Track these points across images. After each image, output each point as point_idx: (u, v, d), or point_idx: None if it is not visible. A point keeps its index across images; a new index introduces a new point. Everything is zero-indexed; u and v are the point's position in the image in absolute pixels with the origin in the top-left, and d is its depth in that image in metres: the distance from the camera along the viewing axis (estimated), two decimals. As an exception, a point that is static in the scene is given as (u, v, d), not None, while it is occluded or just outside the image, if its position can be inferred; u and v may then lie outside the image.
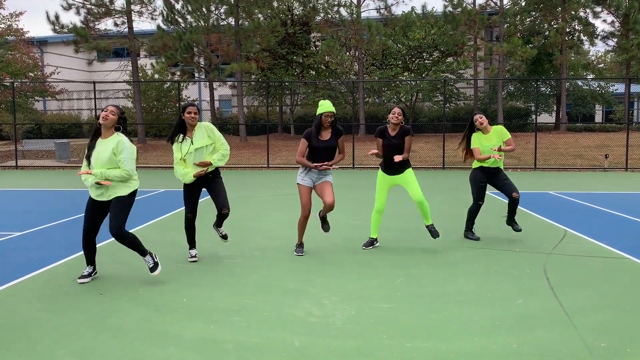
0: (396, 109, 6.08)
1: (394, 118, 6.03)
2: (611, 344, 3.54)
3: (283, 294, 4.63)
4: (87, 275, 5.04)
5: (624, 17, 27.27)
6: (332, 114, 5.77)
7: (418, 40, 25.84)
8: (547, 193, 11.17)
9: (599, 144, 21.12)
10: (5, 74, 26.19)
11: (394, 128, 6.08)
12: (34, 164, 20.02)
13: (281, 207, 9.53)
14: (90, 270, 5.09)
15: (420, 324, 3.93)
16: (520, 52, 24.55)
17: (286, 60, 27.55)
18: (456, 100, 29.09)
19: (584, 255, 5.95)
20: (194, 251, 5.82)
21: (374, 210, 6.31)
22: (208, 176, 5.58)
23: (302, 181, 5.91)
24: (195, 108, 5.47)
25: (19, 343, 3.61)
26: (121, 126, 4.86)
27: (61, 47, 33.42)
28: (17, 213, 8.86)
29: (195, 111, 5.45)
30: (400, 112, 6.04)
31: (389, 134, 6.10)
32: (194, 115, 5.42)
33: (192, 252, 5.81)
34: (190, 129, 5.51)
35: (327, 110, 5.74)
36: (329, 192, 5.83)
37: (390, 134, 6.09)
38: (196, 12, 23.52)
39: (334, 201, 5.85)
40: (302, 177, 5.94)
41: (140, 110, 24.38)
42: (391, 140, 6.08)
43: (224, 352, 3.47)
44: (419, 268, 5.44)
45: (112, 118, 4.76)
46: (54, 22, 22.51)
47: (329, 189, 5.86)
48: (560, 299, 4.47)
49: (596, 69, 37.68)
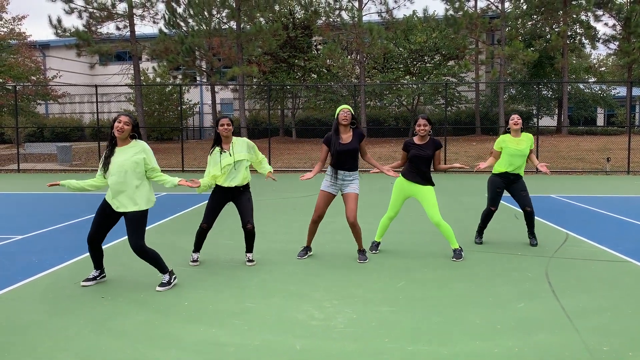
0: (421, 120, 5.83)
1: (421, 130, 5.81)
2: (613, 348, 3.54)
3: (284, 297, 4.63)
4: (92, 278, 5.03)
5: (625, 21, 27.28)
6: (349, 110, 5.66)
7: (419, 43, 25.88)
8: (548, 196, 11.16)
9: (600, 147, 21.11)
10: (7, 77, 26.26)
11: (422, 139, 5.89)
12: (35, 167, 20.06)
13: (283, 210, 9.53)
14: (96, 274, 5.06)
15: (421, 328, 3.93)
16: (522, 56, 24.56)
17: (288, 64, 27.60)
18: (457, 103, 29.10)
19: (586, 258, 5.94)
20: (197, 255, 5.81)
21: (386, 216, 6.21)
22: (239, 189, 5.60)
23: (325, 188, 5.78)
24: (227, 120, 5.54)
25: (21, 345, 3.62)
26: (136, 133, 4.86)
27: (63, 50, 33.46)
28: (19, 216, 8.88)
29: (228, 122, 5.52)
30: (426, 123, 5.81)
31: (416, 144, 5.88)
32: (227, 127, 5.49)
33: (194, 255, 5.80)
34: (226, 142, 5.56)
35: (343, 107, 5.67)
36: (351, 206, 5.66)
37: (418, 144, 5.88)
38: (198, 16, 23.57)
39: (355, 217, 5.67)
40: (326, 184, 5.80)
41: (142, 113, 24.43)
42: (420, 150, 5.83)
43: (225, 355, 3.47)
44: (420, 271, 5.44)
45: (127, 129, 4.74)
46: (56, 25, 22.57)
47: (352, 202, 5.67)
48: (562, 302, 4.46)
49: (598, 72, 37.66)
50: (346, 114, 5.64)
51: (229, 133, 5.52)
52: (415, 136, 5.94)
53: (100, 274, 5.09)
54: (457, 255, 5.91)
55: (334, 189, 5.78)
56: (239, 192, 5.60)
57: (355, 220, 5.69)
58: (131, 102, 30.27)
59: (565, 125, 27.73)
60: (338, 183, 5.75)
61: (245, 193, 5.64)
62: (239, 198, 5.60)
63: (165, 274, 4.93)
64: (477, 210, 9.26)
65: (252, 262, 5.77)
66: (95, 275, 5.05)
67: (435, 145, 5.88)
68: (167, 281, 4.91)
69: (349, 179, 5.72)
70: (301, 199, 11.03)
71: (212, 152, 5.60)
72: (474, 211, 9.20)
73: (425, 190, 5.86)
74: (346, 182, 5.73)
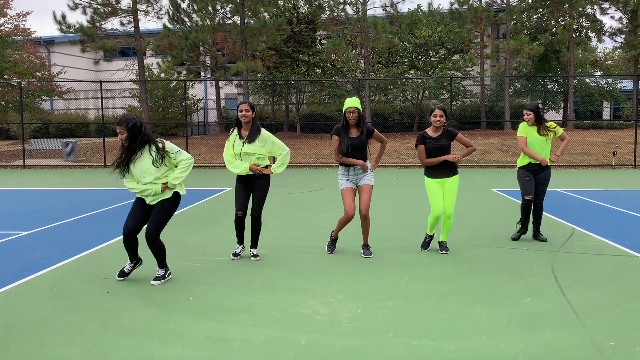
0: (437, 110, 5.69)
1: (436, 121, 5.67)
2: (620, 343, 3.52)
3: (289, 293, 4.63)
4: (127, 272, 5.07)
5: (632, 14, 27.05)
6: (355, 109, 5.54)
7: (424, 37, 25.75)
8: (554, 191, 11.11)
9: (606, 141, 20.99)
10: (12, 73, 26.32)
11: (436, 130, 5.76)
12: (41, 163, 20.13)
13: (288, 205, 9.53)
14: (130, 267, 5.10)
15: (427, 323, 3.92)
16: (527, 50, 24.41)
17: (292, 59, 27.53)
18: (463, 98, 28.97)
19: (592, 253, 5.91)
20: (240, 248, 5.87)
21: (432, 215, 5.86)
22: (255, 176, 5.61)
23: (345, 185, 5.72)
24: (246, 105, 5.50)
25: (29, 342, 3.63)
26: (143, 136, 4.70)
27: (68, 46, 33.54)
28: (24, 212, 8.91)
29: (247, 109, 5.47)
30: (442, 114, 5.67)
31: (431, 137, 5.75)
32: (245, 113, 5.46)
33: (238, 248, 5.87)
34: (245, 128, 5.56)
35: (350, 106, 5.55)
36: (365, 198, 5.65)
37: (433, 136, 5.74)
38: (202, 11, 23.53)
39: (368, 210, 5.65)
40: (344, 181, 5.75)
41: (146, 109, 24.45)
42: (436, 142, 5.70)
43: (231, 351, 3.47)
44: (425, 266, 5.43)
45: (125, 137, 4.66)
46: (61, 21, 22.58)
47: (366, 194, 5.65)
48: (568, 297, 4.44)
49: (604, 65, 37.41)
50: (353, 114, 5.55)
51: (246, 119, 5.48)
52: (429, 127, 5.82)
53: (135, 264, 5.13)
54: (444, 247, 5.97)
55: (352, 183, 5.75)
56: (255, 179, 5.61)
57: (367, 213, 5.69)
58: (136, 97, 30.28)
59: (571, 119, 27.58)
60: (352, 177, 5.73)
61: (260, 182, 5.62)
62: (254, 186, 5.63)
63: (163, 268, 5.01)
64: (478, 206, 9.22)
65: (257, 257, 5.77)
66: (130, 269, 5.10)
67: (450, 134, 5.75)
68: (161, 276, 4.96)
69: (361, 172, 5.71)
70: (306, 194, 11.03)
71: (230, 132, 5.65)
72: (479, 206, 9.16)
73: (450, 180, 5.79)
74: (359, 175, 5.72)
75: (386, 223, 7.74)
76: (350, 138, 5.62)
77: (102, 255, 5.98)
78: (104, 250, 6.21)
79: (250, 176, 5.60)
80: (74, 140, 22.50)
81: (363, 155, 5.70)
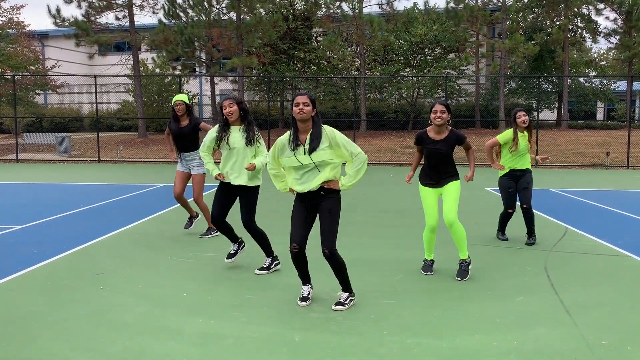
0: (438, 105, 4.78)
1: (437, 119, 4.77)
2: (612, 342, 3.54)
3: (283, 290, 4.63)
4: (233, 254, 5.25)
5: (626, 15, 27.18)
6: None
7: (420, 36, 25.77)
8: (548, 190, 11.16)
9: (600, 141, 21.09)
10: (6, 67, 26.14)
11: (438, 130, 4.86)
12: (34, 157, 20.01)
13: (283, 202, 9.51)
14: (235, 247, 5.26)
15: (420, 321, 3.92)
16: (522, 49, 24.49)
17: (288, 56, 27.49)
18: (458, 96, 29.02)
19: (585, 252, 5.94)
20: (307, 289, 4.42)
21: (427, 229, 5.06)
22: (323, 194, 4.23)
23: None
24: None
25: (20, 337, 3.61)
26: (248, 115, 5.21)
27: (62, 40, 33.26)
28: (17, 206, 8.86)
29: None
30: (443, 109, 4.76)
31: (430, 139, 4.89)
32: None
33: (304, 290, 4.45)
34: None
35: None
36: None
37: (433, 138, 4.87)
38: (197, 7, 23.45)
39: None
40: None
41: (141, 104, 24.36)
42: (435, 145, 4.84)
43: (224, 347, 3.47)
44: (419, 264, 5.43)
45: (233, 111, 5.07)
46: (55, 15, 22.47)
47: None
48: (561, 296, 4.46)
49: (598, 66, 37.56)
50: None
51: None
52: (430, 126, 4.96)
53: (239, 246, 5.27)
54: (461, 271, 4.95)
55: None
56: (320, 199, 4.27)
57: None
58: (130, 92, 30.17)
59: (565, 119, 27.70)
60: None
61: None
62: (319, 208, 4.36)
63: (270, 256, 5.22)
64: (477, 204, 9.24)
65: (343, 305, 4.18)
66: (235, 250, 5.25)
67: (456, 139, 4.88)
68: (267, 266, 5.16)
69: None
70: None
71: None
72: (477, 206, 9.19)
73: (449, 186, 4.93)
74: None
75: (380, 221, 7.74)
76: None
77: (95, 250, 5.95)
78: (97, 245, 6.18)
79: (314, 193, 4.18)
80: (68, 134, 22.36)
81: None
